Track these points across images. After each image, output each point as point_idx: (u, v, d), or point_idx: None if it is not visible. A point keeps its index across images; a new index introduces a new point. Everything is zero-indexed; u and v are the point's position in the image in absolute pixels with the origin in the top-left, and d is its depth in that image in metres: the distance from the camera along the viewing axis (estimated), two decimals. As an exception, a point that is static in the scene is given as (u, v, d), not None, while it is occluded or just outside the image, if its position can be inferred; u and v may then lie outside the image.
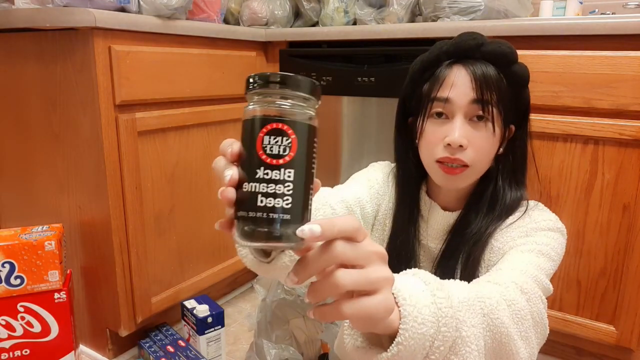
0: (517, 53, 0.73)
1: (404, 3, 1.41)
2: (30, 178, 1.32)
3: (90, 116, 1.15)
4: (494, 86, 0.70)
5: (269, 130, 0.37)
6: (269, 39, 1.59)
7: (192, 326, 1.34)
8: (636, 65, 1.08)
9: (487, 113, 0.70)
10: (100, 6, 1.11)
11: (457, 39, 0.72)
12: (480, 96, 0.69)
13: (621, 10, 1.68)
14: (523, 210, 0.76)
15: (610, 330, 1.21)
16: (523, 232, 0.72)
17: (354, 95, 1.48)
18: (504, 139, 0.76)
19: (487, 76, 0.69)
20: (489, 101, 0.69)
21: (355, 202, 0.81)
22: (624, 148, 1.13)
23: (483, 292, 0.54)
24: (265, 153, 0.37)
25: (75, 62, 1.14)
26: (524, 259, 0.65)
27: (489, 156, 0.73)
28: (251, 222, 0.37)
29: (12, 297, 1.13)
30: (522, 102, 0.74)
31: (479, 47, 0.70)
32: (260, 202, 0.37)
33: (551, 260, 0.68)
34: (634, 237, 1.14)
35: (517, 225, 0.74)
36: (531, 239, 0.70)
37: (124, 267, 1.25)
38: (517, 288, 0.58)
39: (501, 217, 0.75)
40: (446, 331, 0.45)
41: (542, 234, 0.71)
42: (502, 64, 0.71)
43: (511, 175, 0.77)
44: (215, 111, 1.46)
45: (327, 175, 1.59)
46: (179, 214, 1.39)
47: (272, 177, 0.37)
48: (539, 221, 0.73)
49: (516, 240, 0.71)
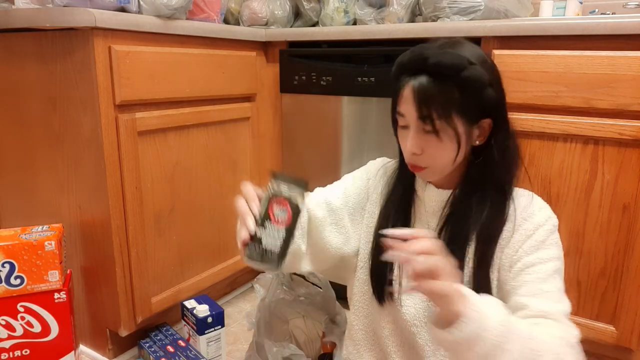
0: (467, 60, 0.72)
1: (404, 3, 1.41)
2: (31, 178, 1.32)
3: (90, 116, 1.15)
4: (435, 102, 0.72)
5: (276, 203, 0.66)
6: (269, 39, 1.59)
7: (192, 326, 1.34)
8: (636, 65, 1.08)
9: (432, 126, 0.73)
10: (100, 6, 1.11)
11: (409, 52, 0.76)
12: (420, 113, 0.73)
13: (621, 10, 1.68)
14: (527, 201, 0.78)
15: (610, 330, 1.21)
16: (534, 244, 0.75)
17: (354, 95, 1.48)
18: (478, 133, 0.77)
19: (426, 93, 0.72)
20: (430, 116, 0.73)
21: (337, 199, 0.91)
22: (624, 148, 1.13)
23: (540, 337, 0.64)
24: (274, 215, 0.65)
25: (75, 62, 1.14)
26: (553, 298, 0.72)
27: (446, 158, 0.76)
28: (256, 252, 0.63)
29: (12, 297, 1.13)
30: (487, 101, 0.74)
31: (425, 60, 0.72)
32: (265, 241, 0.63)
33: (561, 270, 0.75)
34: (634, 237, 1.14)
35: (523, 228, 0.76)
36: (544, 255, 0.74)
37: (124, 267, 1.25)
38: (567, 344, 0.66)
39: (496, 199, 0.78)
40: (494, 341, 0.60)
41: (550, 245, 0.75)
42: (448, 75, 0.72)
43: (493, 163, 0.78)
44: (215, 111, 1.46)
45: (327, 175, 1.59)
46: (179, 214, 1.39)
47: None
48: (543, 222, 0.76)
49: (527, 252, 0.75)
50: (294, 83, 1.58)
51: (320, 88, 1.53)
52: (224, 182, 1.55)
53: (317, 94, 1.54)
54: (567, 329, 0.68)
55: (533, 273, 0.73)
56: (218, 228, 1.55)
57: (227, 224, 1.59)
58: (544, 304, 0.70)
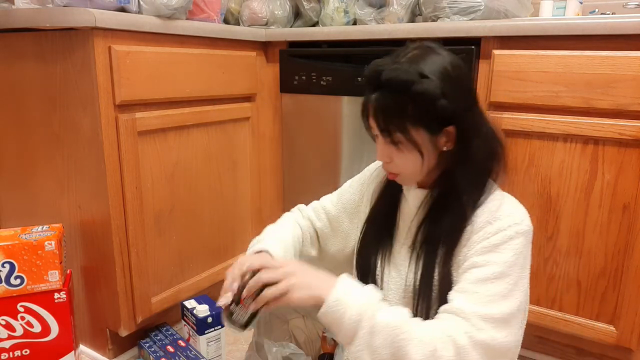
0: (421, 72, 0.73)
1: (404, 3, 1.41)
2: (31, 178, 1.32)
3: (90, 116, 1.15)
4: (390, 115, 0.76)
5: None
6: (269, 39, 1.59)
7: (192, 326, 1.34)
8: (636, 65, 1.08)
9: (392, 138, 0.77)
10: (100, 6, 1.12)
11: (369, 66, 0.78)
12: (379, 126, 0.77)
13: (621, 10, 1.68)
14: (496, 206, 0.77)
15: (610, 330, 1.21)
16: (487, 246, 0.74)
17: (354, 95, 1.49)
18: (444, 139, 0.78)
19: (383, 106, 0.76)
20: (389, 130, 0.76)
21: (333, 206, 1.00)
22: (624, 148, 1.13)
23: (413, 328, 0.69)
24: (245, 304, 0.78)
25: (75, 62, 1.14)
26: (480, 300, 0.71)
27: (414, 166, 0.79)
28: (227, 317, 0.78)
29: (12, 297, 1.13)
30: (442, 112, 0.75)
31: (379, 75, 0.75)
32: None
33: (511, 278, 0.72)
34: (634, 237, 1.14)
35: (484, 230, 0.75)
36: (493, 258, 0.73)
37: (124, 267, 1.25)
38: (451, 342, 0.68)
39: (460, 202, 0.78)
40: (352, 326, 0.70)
41: (504, 250, 0.73)
42: (400, 89, 0.74)
43: (462, 166, 0.79)
44: (215, 111, 1.46)
45: (327, 175, 1.59)
46: (179, 214, 1.39)
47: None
48: (505, 227, 0.74)
49: (478, 253, 0.74)
50: (294, 83, 1.58)
51: (320, 88, 1.53)
52: (224, 182, 1.55)
53: (317, 94, 1.54)
54: (465, 329, 0.68)
55: (474, 273, 0.73)
56: (218, 228, 1.55)
57: (227, 224, 1.59)
58: (464, 302, 0.71)
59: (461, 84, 0.77)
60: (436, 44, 0.79)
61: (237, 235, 1.64)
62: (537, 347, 1.38)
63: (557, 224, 1.22)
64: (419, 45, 0.78)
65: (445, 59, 0.76)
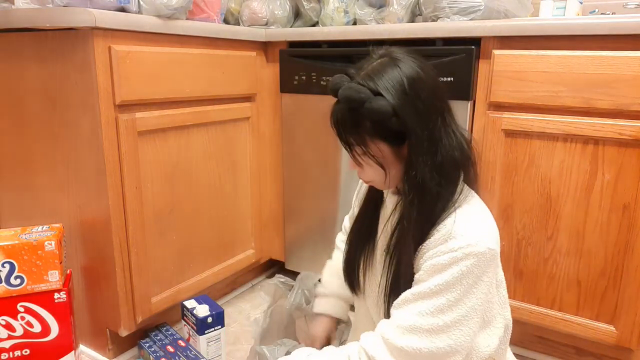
0: (374, 90, 0.75)
1: (404, 3, 1.41)
2: (30, 178, 1.32)
3: (90, 116, 1.15)
4: (348, 128, 0.78)
5: None
6: (269, 39, 1.59)
7: (192, 326, 1.34)
8: (636, 65, 1.08)
9: (350, 151, 0.80)
10: (100, 6, 1.12)
11: (330, 81, 0.81)
12: (341, 139, 0.80)
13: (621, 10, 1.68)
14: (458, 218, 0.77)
15: (610, 330, 1.21)
16: (435, 265, 0.75)
17: (354, 95, 1.48)
18: (405, 151, 0.79)
19: (340, 120, 0.79)
20: (349, 142, 0.79)
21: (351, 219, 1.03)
22: (624, 148, 1.13)
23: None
24: None
25: (75, 62, 1.14)
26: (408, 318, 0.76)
27: (377, 177, 0.82)
28: None
29: (12, 297, 1.13)
30: (395, 129, 0.76)
31: (336, 91, 0.78)
32: None
33: (452, 295, 0.74)
34: (634, 237, 1.14)
35: (438, 249, 0.76)
36: (434, 279, 0.75)
37: (124, 267, 1.25)
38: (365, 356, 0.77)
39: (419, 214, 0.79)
40: None
41: (449, 272, 0.74)
42: (355, 106, 0.75)
43: (419, 177, 0.79)
44: (215, 111, 1.46)
45: (327, 176, 1.59)
46: (179, 214, 1.39)
47: None
48: (456, 248, 0.74)
49: (427, 270, 0.76)
50: (294, 83, 1.58)
51: (320, 88, 1.53)
52: (224, 182, 1.55)
53: (317, 94, 1.54)
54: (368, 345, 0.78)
55: (414, 287, 0.77)
56: (218, 228, 1.55)
57: (227, 224, 1.59)
58: (383, 323, 0.79)
59: (418, 99, 0.76)
60: (402, 52, 0.79)
61: (237, 235, 1.64)
62: (537, 347, 1.38)
63: (557, 224, 1.22)
64: (382, 55, 0.80)
65: (404, 72, 0.76)
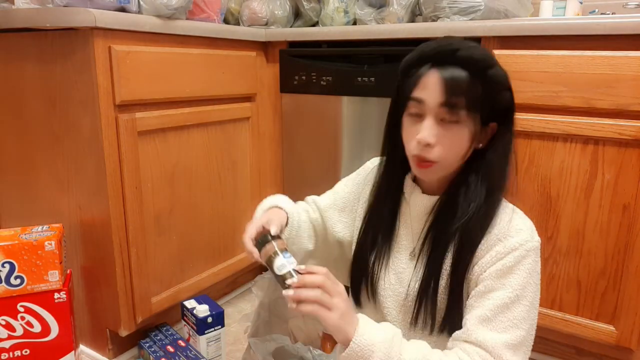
0: (493, 59, 0.75)
1: (404, 3, 1.41)
2: (31, 178, 1.32)
3: (90, 116, 1.15)
4: (463, 91, 0.73)
5: None
6: (269, 39, 1.59)
7: (192, 326, 1.34)
8: (636, 65, 1.08)
9: (455, 116, 0.74)
10: (100, 6, 1.12)
11: (436, 43, 0.76)
12: (447, 100, 0.73)
13: (621, 10, 1.68)
14: (506, 216, 0.77)
15: (610, 330, 1.21)
16: (501, 269, 0.74)
17: (354, 95, 1.48)
18: (483, 136, 0.78)
19: (457, 81, 0.73)
20: (456, 105, 0.73)
21: (329, 207, 0.98)
22: (624, 148, 1.13)
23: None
24: None
25: (75, 62, 1.14)
26: (498, 327, 0.72)
27: (457, 154, 0.76)
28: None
29: (12, 297, 1.13)
30: (502, 104, 0.76)
31: (455, 52, 0.73)
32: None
33: (527, 299, 0.73)
34: (634, 237, 1.14)
35: (495, 250, 0.75)
36: (508, 282, 0.73)
37: (124, 267, 1.25)
38: None
39: (484, 206, 0.77)
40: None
41: (518, 271, 0.73)
42: (476, 69, 0.73)
43: (490, 169, 0.79)
44: (215, 111, 1.46)
45: (327, 175, 1.59)
46: (179, 214, 1.39)
47: None
48: (517, 246, 0.74)
49: (492, 276, 0.74)
50: (294, 83, 1.58)
51: (320, 88, 1.53)
52: (224, 182, 1.55)
53: (317, 94, 1.54)
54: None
55: (490, 299, 0.73)
56: (218, 228, 1.55)
57: (227, 224, 1.59)
58: (483, 333, 0.72)
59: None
60: None
61: (237, 235, 1.64)
62: (537, 347, 1.38)
63: (557, 224, 1.22)
64: (448, 39, 0.77)
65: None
